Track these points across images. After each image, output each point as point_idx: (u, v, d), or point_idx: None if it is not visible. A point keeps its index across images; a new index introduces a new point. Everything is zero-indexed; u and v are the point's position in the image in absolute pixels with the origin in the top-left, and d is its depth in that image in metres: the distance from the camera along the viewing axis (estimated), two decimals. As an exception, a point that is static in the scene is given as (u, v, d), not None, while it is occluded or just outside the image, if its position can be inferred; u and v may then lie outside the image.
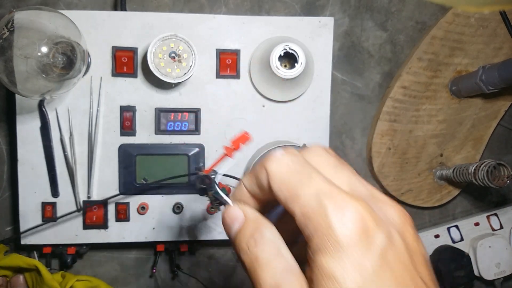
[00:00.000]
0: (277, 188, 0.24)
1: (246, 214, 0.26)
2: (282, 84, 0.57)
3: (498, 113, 0.73)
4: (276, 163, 0.25)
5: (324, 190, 0.22)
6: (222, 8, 0.66)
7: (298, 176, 0.23)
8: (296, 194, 0.23)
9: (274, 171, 0.24)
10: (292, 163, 0.24)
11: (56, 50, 0.49)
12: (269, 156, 0.25)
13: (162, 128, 0.59)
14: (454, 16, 0.68)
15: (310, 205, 0.22)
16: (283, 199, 0.24)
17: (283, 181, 0.24)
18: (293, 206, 0.23)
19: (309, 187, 0.23)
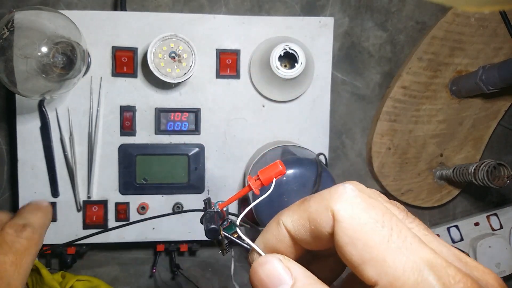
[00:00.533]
0: (349, 244, 0.17)
1: (295, 276, 0.19)
2: (282, 84, 0.57)
3: (498, 113, 0.73)
4: (349, 206, 0.18)
5: (427, 259, 0.17)
6: (222, 8, 0.66)
7: (384, 231, 0.17)
8: (382, 259, 0.17)
9: (347, 218, 0.18)
10: (372, 208, 0.18)
11: (56, 50, 0.49)
12: (335, 192, 0.18)
13: (162, 128, 0.59)
14: (454, 16, 0.68)
15: (409, 280, 0.16)
16: (356, 259, 0.17)
17: (361, 236, 0.17)
18: (374, 274, 0.17)
19: (402, 251, 0.17)
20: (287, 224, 0.20)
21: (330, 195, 0.18)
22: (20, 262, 0.28)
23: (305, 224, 0.19)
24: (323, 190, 0.19)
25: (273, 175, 0.26)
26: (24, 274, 0.28)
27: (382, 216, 0.17)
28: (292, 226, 0.20)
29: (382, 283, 0.17)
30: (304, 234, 0.19)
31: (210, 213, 0.28)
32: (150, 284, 0.70)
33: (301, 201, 0.20)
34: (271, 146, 0.57)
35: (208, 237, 0.27)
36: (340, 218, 0.18)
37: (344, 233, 0.17)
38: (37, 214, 0.32)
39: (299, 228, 0.19)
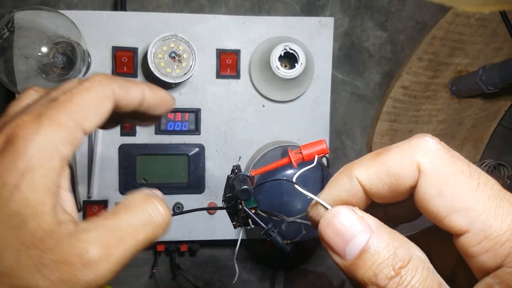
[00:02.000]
0: (435, 196, 0.17)
1: (371, 225, 0.18)
2: (282, 84, 0.57)
3: (498, 113, 0.73)
4: (435, 158, 0.17)
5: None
6: (222, 8, 0.66)
7: (472, 181, 0.17)
8: (473, 208, 0.17)
9: (434, 171, 0.17)
10: (457, 159, 0.17)
11: (56, 50, 0.49)
12: (417, 142, 0.18)
13: (162, 128, 0.59)
14: (454, 16, 0.68)
15: (503, 226, 0.16)
16: (444, 211, 0.17)
17: (449, 188, 0.17)
18: (464, 223, 0.17)
19: (492, 199, 0.17)
20: (361, 178, 0.19)
21: (411, 148, 0.18)
22: None
23: (383, 178, 0.18)
24: (397, 143, 0.18)
25: (315, 151, 0.25)
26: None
27: (468, 166, 0.17)
28: (367, 180, 0.19)
29: (474, 230, 0.17)
30: (381, 188, 0.19)
31: (243, 175, 0.27)
32: (150, 284, 0.70)
33: (375, 154, 0.19)
34: (271, 146, 0.57)
35: (240, 197, 0.26)
36: (426, 170, 0.17)
37: (431, 185, 0.17)
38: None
39: (376, 182, 0.19)
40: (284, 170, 0.49)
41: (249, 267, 0.72)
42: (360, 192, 0.19)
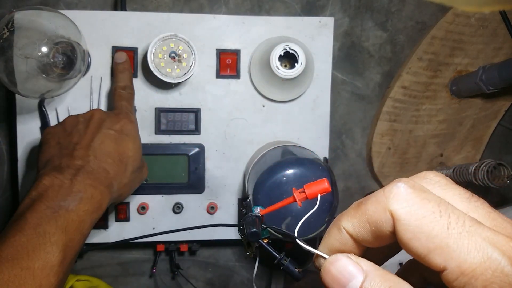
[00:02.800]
0: (410, 238, 0.19)
1: (365, 270, 0.20)
2: (282, 84, 0.57)
3: (498, 113, 0.73)
4: (405, 203, 0.19)
5: (489, 238, 0.18)
6: (222, 8, 0.66)
7: (443, 220, 0.18)
8: (446, 246, 0.18)
9: (405, 215, 0.19)
10: (428, 202, 0.19)
11: (56, 50, 0.49)
12: (389, 193, 0.19)
13: (162, 128, 0.59)
14: (454, 16, 0.68)
15: (475, 260, 0.17)
16: (422, 251, 0.18)
17: (421, 229, 0.18)
18: (442, 261, 0.18)
19: (465, 235, 0.18)
20: (347, 228, 0.21)
21: (385, 197, 0.19)
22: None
23: (365, 226, 0.20)
24: (375, 192, 0.20)
25: (318, 191, 0.27)
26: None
27: (438, 206, 0.19)
28: (353, 230, 0.21)
29: (451, 267, 0.18)
30: (366, 235, 0.20)
31: (252, 217, 0.28)
32: (150, 284, 0.70)
33: (357, 205, 0.21)
34: (271, 146, 0.57)
35: (250, 239, 0.28)
36: (399, 216, 0.19)
37: (405, 229, 0.19)
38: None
39: (360, 230, 0.21)
40: (285, 170, 0.49)
41: (249, 267, 0.72)
42: (350, 241, 0.21)
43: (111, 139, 0.48)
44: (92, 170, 0.45)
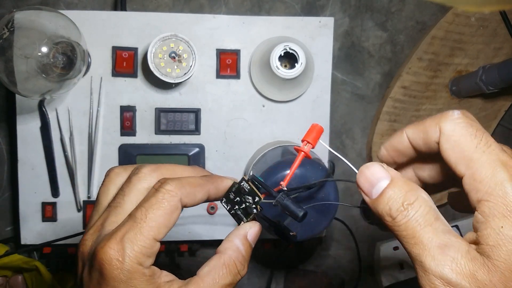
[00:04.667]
0: (449, 148, 0.24)
1: (392, 174, 0.25)
2: (282, 84, 0.57)
3: (498, 113, 0.73)
4: (452, 124, 0.25)
5: (502, 159, 0.23)
6: (222, 8, 0.66)
7: (475, 141, 0.24)
8: (470, 159, 0.23)
9: (449, 131, 0.25)
10: (469, 127, 0.24)
11: (56, 50, 0.49)
12: (444, 114, 0.25)
13: (162, 128, 0.59)
14: (454, 16, 0.68)
15: (485, 172, 0.23)
16: (453, 160, 0.24)
17: (457, 144, 0.24)
18: (463, 169, 0.24)
19: (485, 153, 0.23)
20: (407, 133, 0.27)
21: (440, 116, 0.25)
22: None
23: (420, 134, 0.26)
24: (438, 114, 0.26)
25: (317, 135, 0.30)
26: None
27: (476, 131, 0.24)
28: (411, 134, 0.27)
29: (467, 174, 0.23)
30: (418, 141, 0.27)
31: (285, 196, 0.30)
32: (150, 284, 0.70)
33: (419, 120, 0.27)
34: (271, 146, 0.57)
35: (301, 220, 0.29)
36: (444, 131, 0.25)
37: (446, 141, 0.25)
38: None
39: (415, 136, 0.27)
40: (285, 170, 0.49)
41: (249, 267, 0.72)
42: (406, 142, 0.28)
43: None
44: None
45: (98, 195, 0.31)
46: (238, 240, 0.30)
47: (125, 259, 0.26)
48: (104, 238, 0.27)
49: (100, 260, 0.26)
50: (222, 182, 0.31)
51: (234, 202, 0.31)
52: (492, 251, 0.22)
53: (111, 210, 0.28)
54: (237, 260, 0.29)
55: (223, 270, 0.28)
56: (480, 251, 0.22)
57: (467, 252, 0.22)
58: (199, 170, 0.32)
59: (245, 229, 0.30)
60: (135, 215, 0.27)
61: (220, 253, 0.29)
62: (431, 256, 0.22)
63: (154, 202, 0.27)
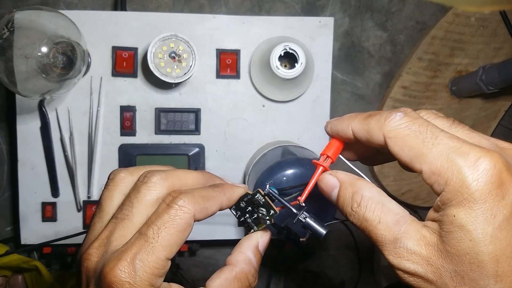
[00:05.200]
0: (398, 150, 0.25)
1: (339, 179, 0.27)
2: (282, 84, 0.57)
3: (498, 113, 0.73)
4: (395, 127, 0.25)
5: (453, 146, 0.23)
6: (222, 8, 0.66)
7: (421, 137, 0.24)
8: (422, 154, 0.24)
9: (393, 134, 0.25)
10: (412, 125, 0.25)
11: (56, 50, 0.49)
12: (386, 119, 0.25)
13: (162, 128, 0.59)
14: (454, 16, 0.68)
15: (439, 163, 0.23)
16: (406, 159, 0.25)
17: (405, 143, 0.24)
18: (419, 165, 0.24)
19: (435, 145, 0.23)
20: (353, 127, 0.28)
21: (383, 121, 0.26)
22: None
23: (364, 133, 0.27)
24: (382, 112, 0.26)
25: (336, 150, 0.30)
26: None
27: (419, 126, 0.24)
28: (356, 130, 0.28)
29: (424, 169, 0.24)
30: (362, 138, 0.27)
31: (308, 216, 0.29)
32: (150, 284, 0.70)
33: (367, 115, 0.27)
34: (271, 146, 0.57)
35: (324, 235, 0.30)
36: (389, 136, 0.25)
37: (394, 144, 0.25)
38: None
39: (360, 133, 0.27)
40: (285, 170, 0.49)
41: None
42: (350, 133, 0.28)
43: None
44: None
45: (101, 199, 0.29)
46: (250, 252, 0.29)
47: (136, 281, 0.25)
48: (113, 257, 0.25)
49: (110, 282, 0.24)
50: (234, 192, 0.30)
51: (245, 211, 0.30)
52: (446, 237, 0.23)
53: (118, 223, 0.27)
54: (249, 273, 0.29)
55: (235, 284, 0.28)
56: (439, 234, 0.23)
57: (419, 240, 0.24)
58: (208, 177, 0.31)
59: (256, 239, 0.30)
60: (147, 234, 0.25)
61: (232, 265, 0.29)
62: (388, 251, 0.24)
63: (167, 220, 0.26)
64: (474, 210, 0.22)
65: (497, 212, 0.22)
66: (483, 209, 0.22)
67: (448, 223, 0.23)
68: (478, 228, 0.22)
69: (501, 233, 0.22)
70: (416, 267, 0.23)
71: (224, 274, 0.28)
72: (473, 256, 0.22)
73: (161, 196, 0.27)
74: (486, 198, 0.22)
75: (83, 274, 0.27)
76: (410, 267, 0.24)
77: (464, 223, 0.22)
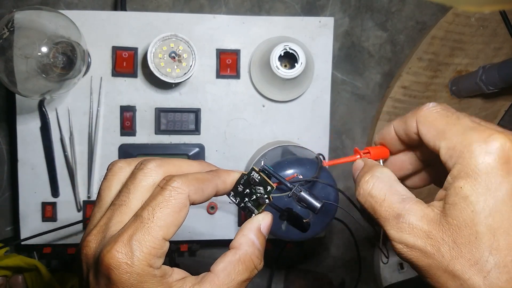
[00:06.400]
0: (425, 131, 0.27)
1: (365, 162, 0.30)
2: (282, 84, 0.57)
3: (498, 113, 0.73)
4: (426, 112, 0.27)
5: (471, 125, 0.25)
6: (222, 8, 0.66)
7: (446, 119, 0.26)
8: (443, 132, 0.26)
9: (423, 117, 0.27)
10: (442, 110, 0.27)
11: (56, 50, 0.49)
12: (420, 106, 0.28)
13: (162, 128, 0.59)
14: (454, 16, 0.68)
15: (456, 139, 0.25)
16: (430, 139, 0.26)
17: (431, 124, 0.27)
18: (439, 143, 0.26)
19: (455, 125, 0.25)
20: (394, 125, 0.30)
21: (416, 109, 0.28)
22: None
23: (402, 125, 0.29)
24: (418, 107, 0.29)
25: (380, 154, 0.33)
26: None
27: (447, 111, 0.27)
28: (396, 126, 0.30)
29: (442, 146, 0.25)
30: (401, 132, 0.30)
31: (303, 190, 0.31)
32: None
33: (404, 115, 0.29)
34: (271, 146, 0.57)
35: (319, 212, 0.31)
36: (420, 119, 0.27)
37: (422, 125, 0.27)
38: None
39: (399, 128, 0.30)
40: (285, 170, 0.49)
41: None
42: (393, 132, 0.31)
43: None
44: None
45: (100, 190, 0.29)
46: (252, 234, 0.29)
47: (134, 262, 0.25)
48: (110, 240, 0.25)
49: (108, 265, 0.24)
50: (229, 175, 0.30)
51: (243, 194, 0.30)
52: (449, 210, 0.24)
53: (116, 209, 0.27)
54: (253, 255, 0.28)
55: (239, 266, 0.28)
56: (442, 209, 0.24)
57: (422, 217, 0.25)
58: (205, 165, 0.31)
59: (258, 221, 0.30)
60: (142, 215, 0.26)
61: (235, 248, 0.28)
62: (391, 225, 0.26)
63: (161, 201, 0.26)
64: (479, 182, 0.23)
65: (501, 186, 0.23)
66: (487, 182, 0.23)
67: (453, 195, 0.24)
68: (480, 200, 0.23)
69: (502, 207, 0.23)
70: (416, 240, 0.24)
71: (227, 258, 0.28)
72: (472, 228, 0.23)
73: (157, 182, 0.27)
74: (492, 172, 0.23)
75: (83, 262, 0.27)
76: (410, 240, 0.25)
77: (468, 194, 0.23)
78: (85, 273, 0.27)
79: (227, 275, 0.27)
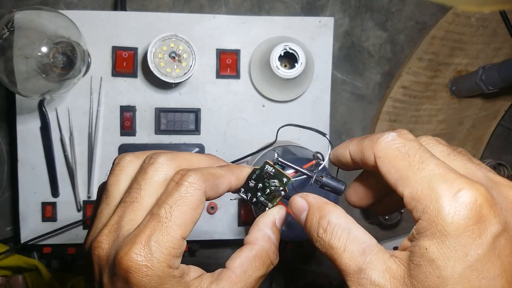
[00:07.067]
0: (385, 171, 0.24)
1: (309, 203, 0.27)
2: (282, 84, 0.57)
3: (498, 113, 0.73)
4: (385, 147, 0.25)
5: (437, 173, 0.22)
6: (222, 8, 0.66)
7: (408, 160, 0.23)
8: (406, 177, 0.23)
9: (382, 153, 0.25)
10: (402, 147, 0.24)
11: (56, 50, 0.49)
12: (378, 138, 0.25)
13: (162, 128, 0.59)
14: (454, 16, 0.68)
15: (420, 188, 0.22)
16: (392, 181, 0.24)
17: (392, 164, 0.24)
18: (402, 188, 0.23)
19: (420, 169, 0.22)
20: (350, 149, 0.28)
21: (375, 140, 0.25)
22: None
23: (359, 153, 0.26)
24: (376, 134, 0.26)
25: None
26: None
27: (408, 150, 0.24)
28: (353, 151, 0.27)
29: (406, 194, 0.23)
30: (358, 158, 0.27)
31: (325, 176, 0.30)
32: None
33: (362, 138, 0.27)
34: (271, 146, 0.57)
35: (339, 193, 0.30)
36: (378, 155, 0.25)
37: (382, 164, 0.24)
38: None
39: (355, 154, 0.27)
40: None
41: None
42: (348, 156, 0.28)
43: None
44: None
45: (107, 185, 0.28)
46: (268, 229, 0.28)
47: (154, 264, 0.24)
48: (126, 241, 0.24)
49: (126, 268, 0.23)
50: (241, 171, 0.29)
51: (256, 189, 0.30)
52: (414, 270, 0.21)
53: (127, 206, 0.26)
54: (270, 250, 0.28)
55: (256, 262, 0.27)
56: (407, 266, 0.22)
57: (384, 271, 0.22)
58: (214, 159, 0.30)
59: (273, 215, 0.29)
60: (159, 214, 0.24)
61: (251, 243, 0.28)
62: (352, 281, 0.23)
63: (178, 198, 0.25)
64: (446, 244, 0.20)
65: (470, 250, 0.20)
66: (456, 245, 0.20)
67: (419, 255, 0.21)
68: (448, 265, 0.20)
69: (471, 274, 0.20)
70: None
71: (244, 253, 0.27)
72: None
73: (168, 177, 0.26)
74: (460, 234, 0.20)
75: (95, 264, 0.26)
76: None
77: (434, 258, 0.21)
78: (97, 275, 0.26)
79: (244, 271, 0.27)
